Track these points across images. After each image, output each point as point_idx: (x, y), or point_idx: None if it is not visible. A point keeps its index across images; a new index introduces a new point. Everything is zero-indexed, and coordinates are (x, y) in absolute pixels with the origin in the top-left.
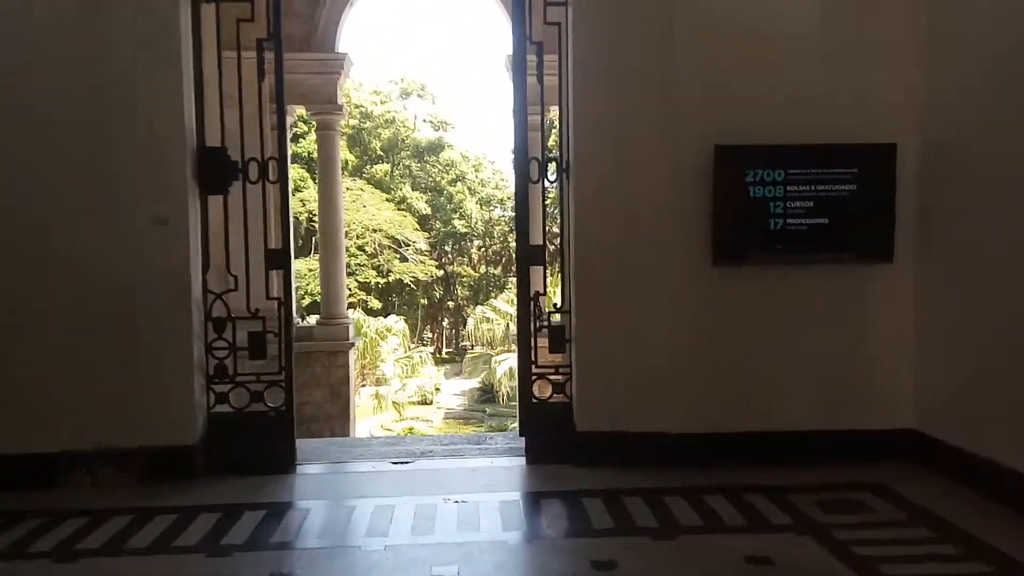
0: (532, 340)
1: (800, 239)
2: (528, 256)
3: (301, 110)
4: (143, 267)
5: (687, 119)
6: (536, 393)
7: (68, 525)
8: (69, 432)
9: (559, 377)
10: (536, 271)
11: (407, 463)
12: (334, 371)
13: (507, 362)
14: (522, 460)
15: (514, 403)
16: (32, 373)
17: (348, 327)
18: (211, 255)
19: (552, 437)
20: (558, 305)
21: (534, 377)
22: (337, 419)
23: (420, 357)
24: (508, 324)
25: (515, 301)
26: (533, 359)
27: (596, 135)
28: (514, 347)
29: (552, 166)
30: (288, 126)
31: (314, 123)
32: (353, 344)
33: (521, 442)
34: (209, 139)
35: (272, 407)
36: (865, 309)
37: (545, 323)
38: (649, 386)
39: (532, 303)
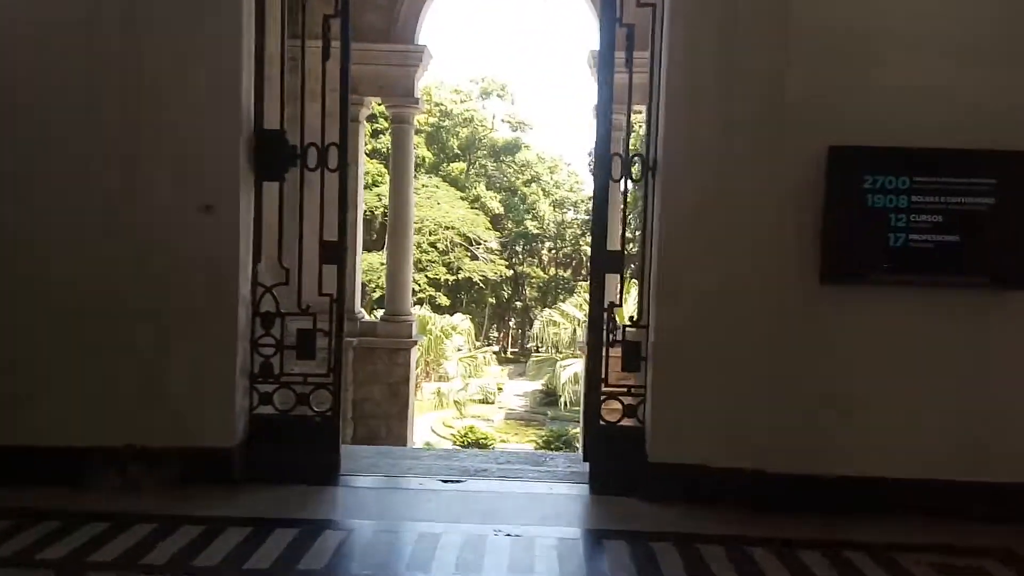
0: (603, 355)
1: (925, 258)
2: (604, 262)
3: (379, 107)
4: (188, 255)
5: (797, 114)
6: (604, 415)
7: (86, 531)
8: (100, 427)
9: (631, 399)
10: (612, 279)
11: (459, 482)
12: (395, 369)
13: (572, 367)
14: (585, 488)
15: (577, 408)
16: (63, 363)
17: (411, 325)
18: (264, 246)
19: (620, 465)
20: (634, 318)
21: (603, 397)
22: (395, 419)
23: (484, 357)
24: (575, 329)
25: (585, 308)
26: (603, 376)
27: (689, 130)
28: (580, 353)
29: (636, 165)
30: (363, 118)
31: (389, 116)
32: (416, 342)
33: (585, 467)
34: (269, 124)
35: (318, 412)
36: (1000, 342)
37: (619, 337)
38: (737, 416)
39: (605, 314)
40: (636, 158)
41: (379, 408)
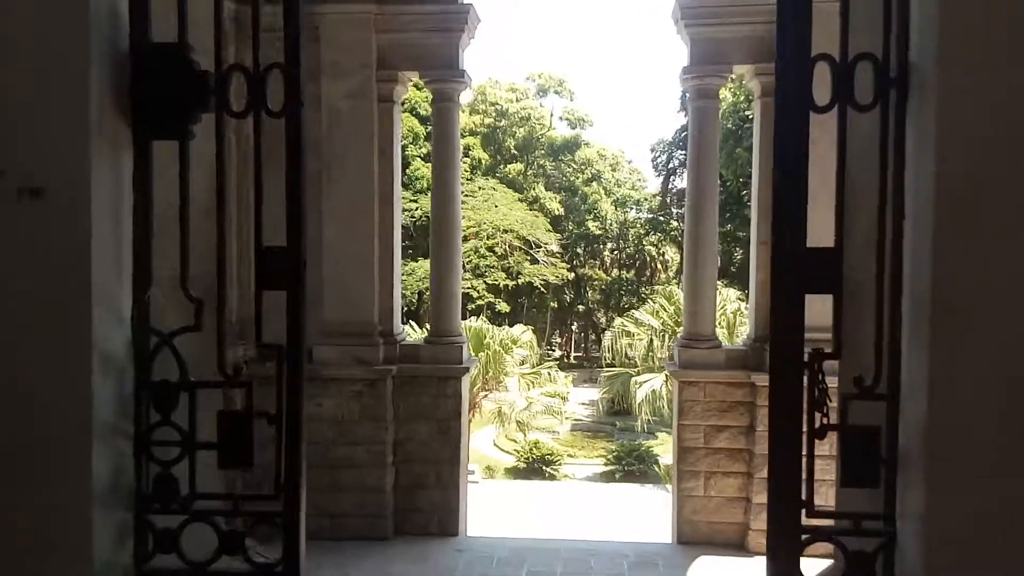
0: (804, 452)
1: None
2: (802, 270)
3: (417, 85)
4: None
5: None
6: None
7: None
8: None
9: (865, 541)
10: (816, 305)
11: None
12: (443, 402)
13: (649, 383)
14: None
15: (659, 423)
16: None
17: (462, 347)
18: (156, 260)
19: None
20: (865, 382)
21: (805, 535)
22: (445, 463)
23: (549, 374)
24: (652, 339)
25: (664, 316)
26: (805, 497)
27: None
28: (657, 367)
29: (862, 76)
30: (399, 99)
31: (430, 94)
32: (467, 369)
33: None
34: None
35: (259, 565)
36: None
37: (828, 418)
38: None
39: (808, 373)
40: (863, 62)
41: (426, 449)
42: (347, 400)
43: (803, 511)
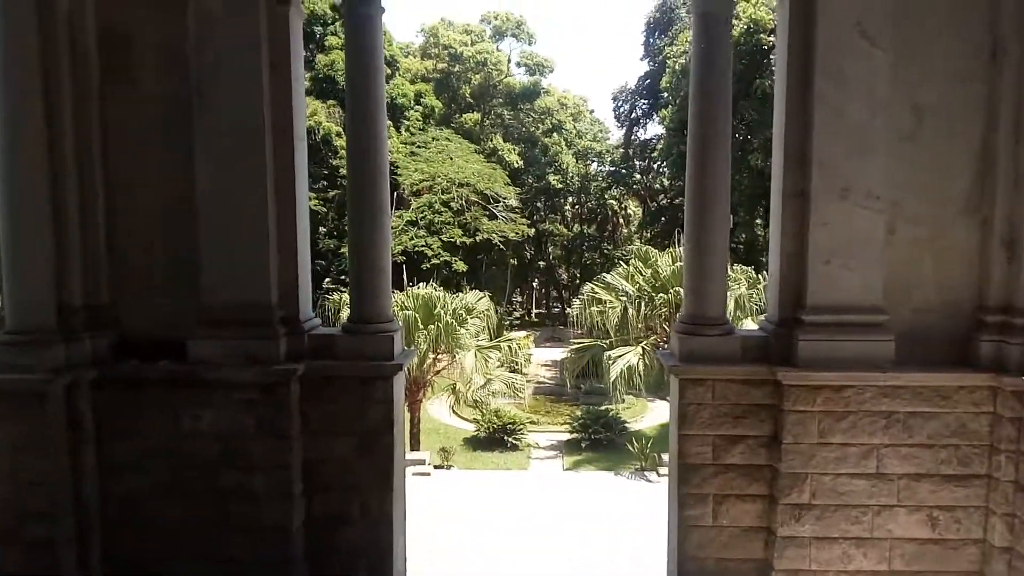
0: None
1: None
2: None
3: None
4: None
5: None
6: None
7: None
8: None
9: None
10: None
11: None
12: (369, 409)
13: (624, 359)
14: None
15: (633, 397)
16: None
17: (393, 337)
18: None
19: None
20: None
21: None
22: (373, 489)
23: (511, 347)
24: (626, 307)
25: (640, 281)
26: None
27: None
28: (636, 336)
29: None
30: (300, 1)
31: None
32: (401, 366)
33: None
34: None
35: None
36: None
37: None
38: None
39: None
40: None
41: (346, 473)
42: (237, 411)
43: None
